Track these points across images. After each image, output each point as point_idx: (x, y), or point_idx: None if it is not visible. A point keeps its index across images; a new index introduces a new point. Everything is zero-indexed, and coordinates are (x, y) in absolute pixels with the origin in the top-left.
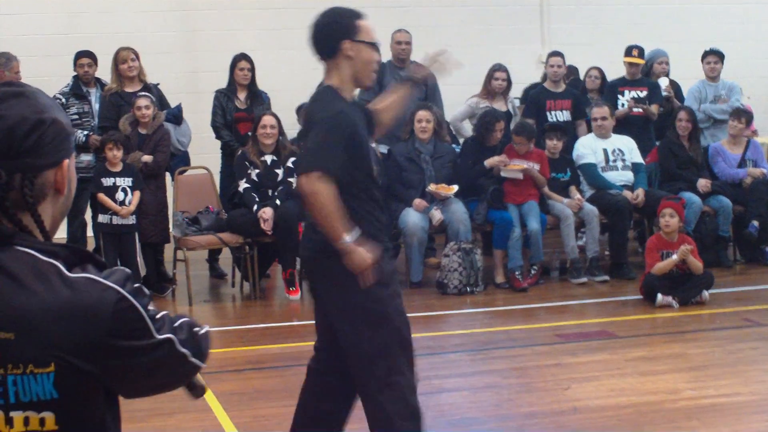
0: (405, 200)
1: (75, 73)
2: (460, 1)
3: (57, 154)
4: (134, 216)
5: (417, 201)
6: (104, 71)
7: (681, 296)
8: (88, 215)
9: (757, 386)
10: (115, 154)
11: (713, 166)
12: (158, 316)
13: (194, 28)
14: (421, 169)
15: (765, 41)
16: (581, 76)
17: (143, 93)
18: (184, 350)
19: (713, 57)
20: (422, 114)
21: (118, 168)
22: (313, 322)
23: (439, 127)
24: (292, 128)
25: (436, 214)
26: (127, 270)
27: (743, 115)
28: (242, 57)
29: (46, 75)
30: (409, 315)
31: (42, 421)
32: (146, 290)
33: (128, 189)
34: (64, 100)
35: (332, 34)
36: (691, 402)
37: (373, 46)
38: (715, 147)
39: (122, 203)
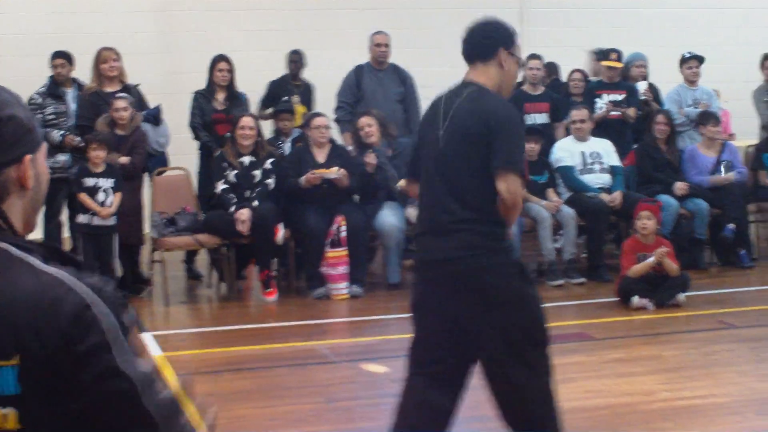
0: (378, 201)
1: (51, 74)
2: (440, 3)
3: (16, 150)
4: (114, 217)
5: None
6: (84, 71)
7: (657, 298)
8: (64, 215)
9: (731, 388)
10: (99, 154)
11: (684, 171)
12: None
13: (174, 30)
14: (384, 170)
15: (743, 45)
16: (563, 77)
17: (121, 94)
18: (146, 404)
19: (694, 62)
20: (363, 121)
21: (101, 169)
22: (289, 323)
23: (384, 127)
24: (270, 129)
25: (413, 213)
26: (111, 282)
27: (716, 119)
28: (221, 58)
29: (27, 74)
30: (386, 317)
31: (4, 418)
32: (125, 320)
33: (110, 190)
34: (40, 99)
35: (492, 38)
36: (666, 403)
37: (520, 63)
38: (690, 150)
39: (103, 204)
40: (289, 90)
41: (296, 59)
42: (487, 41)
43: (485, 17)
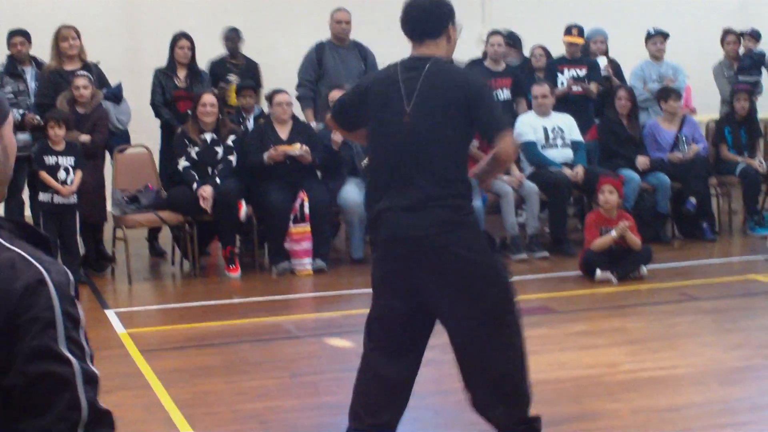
0: (341, 177)
1: (9, 52)
2: None
3: None
4: (75, 195)
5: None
6: (42, 50)
7: (620, 271)
8: (25, 194)
9: (694, 359)
10: (57, 132)
11: (646, 146)
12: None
13: (134, 7)
14: (349, 146)
15: (703, 19)
16: (525, 50)
17: (81, 72)
18: (81, 396)
19: (659, 38)
20: (335, 94)
21: (61, 147)
22: (253, 299)
23: None
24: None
25: None
26: (70, 276)
27: (677, 94)
28: (182, 35)
29: None
30: (350, 292)
31: None
32: (78, 313)
33: (70, 168)
34: None
35: (442, 15)
36: (630, 375)
37: (459, 31)
38: (651, 125)
39: (64, 182)
40: (227, 69)
41: (232, 36)
42: (436, 19)
43: None
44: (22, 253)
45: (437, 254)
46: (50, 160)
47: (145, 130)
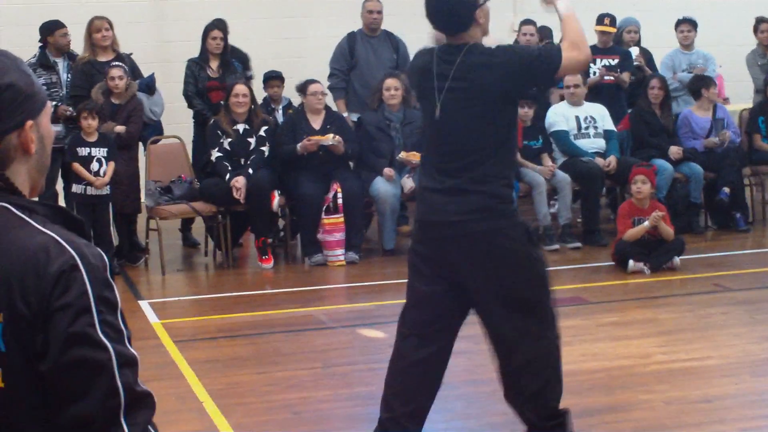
0: (376, 169)
1: (41, 44)
2: None
3: (17, 117)
4: (108, 186)
5: (387, 170)
6: (74, 42)
7: (652, 262)
8: (59, 186)
9: (726, 350)
10: (90, 123)
11: (680, 135)
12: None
13: None
14: (390, 137)
15: (736, 9)
16: (555, 40)
17: (116, 63)
18: (119, 380)
19: (686, 26)
20: (390, 82)
21: (94, 138)
22: (285, 290)
23: (407, 95)
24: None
25: (408, 182)
26: (105, 258)
27: (713, 82)
28: (215, 26)
29: (15, 45)
30: (382, 283)
31: None
32: (113, 296)
33: (103, 159)
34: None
35: (466, 8)
36: (662, 366)
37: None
38: (685, 114)
39: (96, 174)
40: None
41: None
42: (461, 14)
43: None
44: (56, 237)
45: (472, 240)
46: (83, 151)
47: (177, 122)
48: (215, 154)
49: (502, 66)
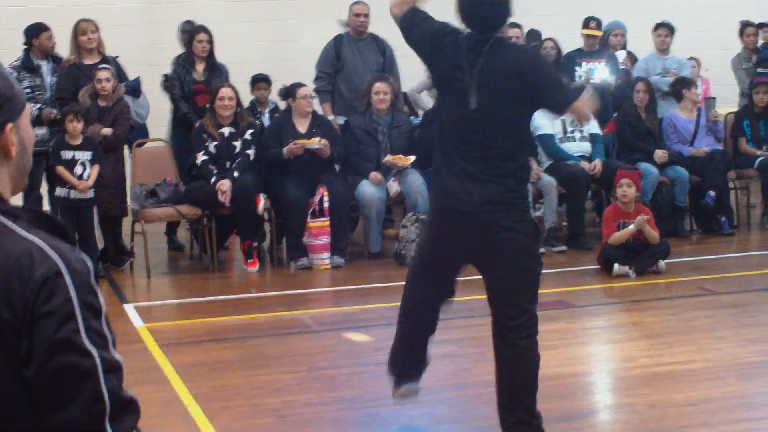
0: (362, 172)
1: (25, 47)
2: None
3: None
4: (93, 190)
5: (373, 174)
6: (58, 44)
7: (637, 266)
8: (43, 189)
9: (711, 353)
10: (76, 126)
11: (665, 139)
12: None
13: (153, 1)
14: (377, 141)
15: (722, 12)
16: (544, 44)
17: (104, 65)
18: (104, 387)
19: (663, 30)
20: (379, 86)
21: (78, 141)
22: (271, 293)
23: (395, 99)
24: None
25: (394, 186)
26: (89, 263)
27: (693, 83)
28: (201, 29)
29: (4, 48)
30: (368, 286)
31: None
32: (97, 302)
33: (87, 163)
34: (15, 74)
35: (508, 10)
36: (647, 369)
37: None
38: (669, 116)
39: (80, 177)
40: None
41: (187, 29)
42: (504, 11)
43: None
44: (39, 243)
45: (485, 230)
46: (67, 154)
47: (162, 124)
48: (201, 157)
49: (521, 74)
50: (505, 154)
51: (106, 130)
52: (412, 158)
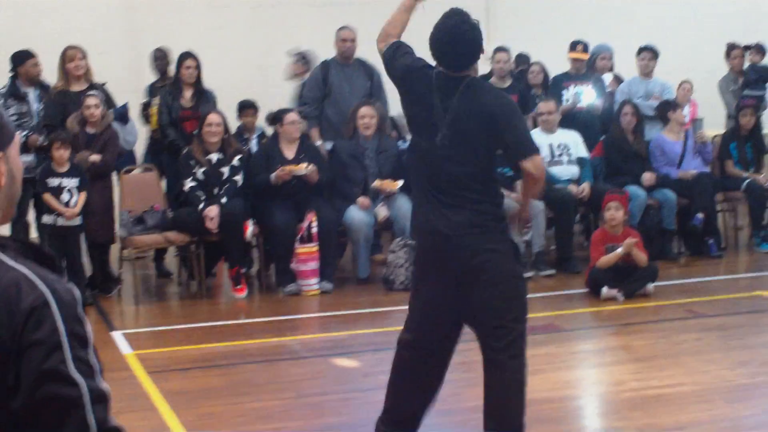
0: (349, 198)
1: (11, 74)
2: None
3: None
4: (80, 217)
5: (361, 199)
6: (45, 71)
7: (626, 289)
8: (30, 216)
9: (699, 376)
10: (62, 153)
11: (653, 162)
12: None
13: (137, 27)
14: (364, 166)
15: (710, 35)
16: (531, 67)
17: (92, 92)
18: (90, 419)
19: (647, 53)
20: (365, 111)
21: (65, 168)
22: (259, 319)
23: (382, 123)
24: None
25: (382, 211)
26: (76, 293)
27: (677, 105)
28: (188, 55)
29: None
30: (356, 312)
31: None
32: (84, 331)
33: (74, 190)
34: (1, 100)
35: (480, 44)
36: (636, 393)
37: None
38: (656, 140)
39: (67, 204)
40: (152, 90)
41: (159, 56)
42: (477, 49)
43: (462, 19)
44: (27, 273)
45: (466, 252)
46: (53, 182)
47: (151, 151)
48: (188, 183)
49: (492, 116)
50: (472, 187)
51: (95, 157)
52: (400, 183)
